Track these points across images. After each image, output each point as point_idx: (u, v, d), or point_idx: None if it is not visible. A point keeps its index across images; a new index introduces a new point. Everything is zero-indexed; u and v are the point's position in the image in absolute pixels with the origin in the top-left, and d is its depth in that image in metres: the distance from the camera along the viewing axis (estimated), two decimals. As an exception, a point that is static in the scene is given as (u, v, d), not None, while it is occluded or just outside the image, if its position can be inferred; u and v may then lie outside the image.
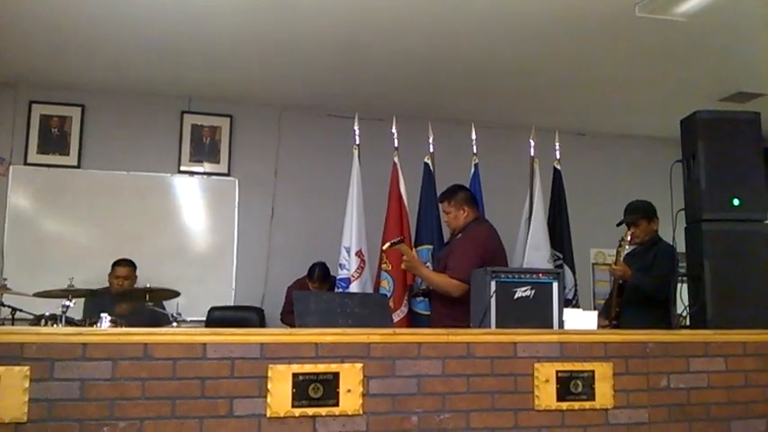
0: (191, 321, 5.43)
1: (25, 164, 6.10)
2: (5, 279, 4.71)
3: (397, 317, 4.77)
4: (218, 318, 5.89)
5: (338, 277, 5.13)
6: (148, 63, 5.67)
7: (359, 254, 5.03)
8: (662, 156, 5.11)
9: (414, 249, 4.89)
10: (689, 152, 3.76)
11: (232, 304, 6.27)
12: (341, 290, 5.01)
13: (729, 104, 6.16)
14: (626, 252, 4.48)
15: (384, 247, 4.67)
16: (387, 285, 4.95)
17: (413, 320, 4.92)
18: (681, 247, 3.91)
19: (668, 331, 3.33)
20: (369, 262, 5.06)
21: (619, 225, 4.54)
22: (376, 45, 5.26)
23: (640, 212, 4.49)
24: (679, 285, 4.10)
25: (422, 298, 4.83)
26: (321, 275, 5.76)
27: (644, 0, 4.44)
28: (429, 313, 4.69)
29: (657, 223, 4.52)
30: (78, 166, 6.20)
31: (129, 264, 5.44)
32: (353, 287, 4.95)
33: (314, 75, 5.88)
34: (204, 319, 5.89)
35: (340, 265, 5.10)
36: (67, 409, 2.42)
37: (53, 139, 6.17)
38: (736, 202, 3.61)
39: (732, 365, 3.11)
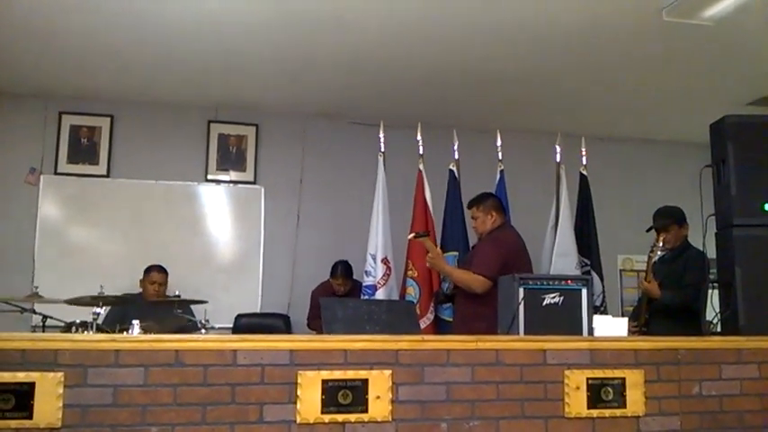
0: (218, 328, 5.47)
1: (55, 173, 6.19)
2: (36, 287, 4.78)
3: (423, 324, 4.77)
4: (245, 325, 5.92)
5: (364, 284, 5.14)
6: (176, 74, 5.73)
7: (385, 261, 5.04)
8: (689, 161, 5.05)
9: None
10: (719, 157, 3.70)
11: (258, 311, 6.30)
12: (367, 297, 5.02)
13: (756, 108, 6.08)
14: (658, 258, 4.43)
15: (409, 237, 4.69)
16: (413, 292, 4.96)
17: (439, 327, 4.92)
18: (711, 252, 3.86)
19: (700, 338, 3.28)
20: (394, 269, 5.08)
21: (649, 231, 4.49)
22: (400, 53, 5.26)
23: (672, 218, 4.43)
24: (710, 292, 4.04)
25: (448, 304, 4.83)
26: (344, 271, 5.84)
27: (671, 5, 4.41)
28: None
29: (687, 228, 4.46)
30: (107, 176, 6.28)
31: (163, 270, 5.51)
32: (379, 294, 4.97)
33: (338, 83, 5.90)
34: (231, 326, 5.93)
35: (366, 272, 5.11)
36: (100, 414, 2.45)
37: (83, 149, 6.26)
38: (767, 207, 3.56)
39: (765, 372, 3.06)
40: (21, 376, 2.41)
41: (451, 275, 4.39)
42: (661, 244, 4.30)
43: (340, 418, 2.61)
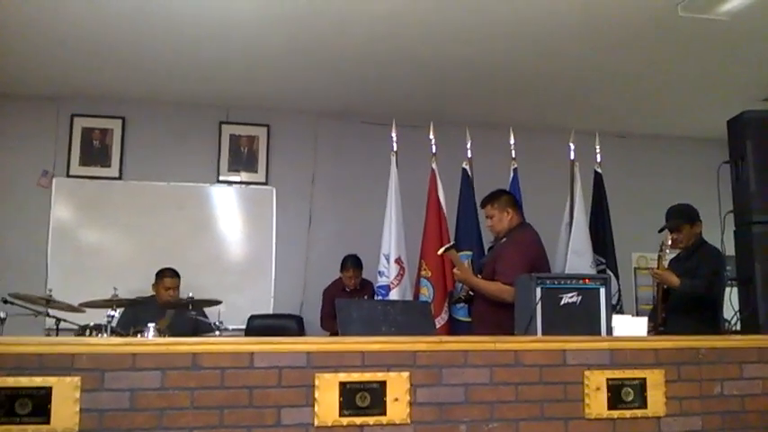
0: (232, 330, 5.46)
1: (68, 176, 6.21)
2: (50, 290, 4.78)
3: (437, 324, 4.73)
4: (258, 326, 5.92)
5: (377, 285, 5.12)
6: (187, 75, 5.73)
7: (398, 261, 5.01)
8: (705, 157, 5.00)
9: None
10: (737, 153, 3.65)
11: (271, 312, 6.30)
12: (380, 297, 5.00)
13: (773, 104, 6.04)
14: (669, 257, 4.39)
15: (439, 252, 4.63)
16: (426, 292, 4.93)
17: (453, 327, 4.89)
18: (729, 250, 3.82)
19: (721, 336, 3.24)
20: (408, 269, 5.05)
21: (661, 231, 4.44)
22: (412, 52, 5.24)
23: (682, 217, 4.39)
24: (729, 289, 3.99)
25: (462, 304, 4.79)
26: (354, 263, 5.88)
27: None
28: (470, 319, 4.66)
29: (701, 226, 4.42)
30: (120, 178, 6.29)
31: (176, 274, 5.48)
32: (393, 294, 4.94)
33: (349, 83, 5.89)
34: (244, 327, 5.92)
35: (379, 272, 5.09)
36: (118, 418, 2.44)
37: (95, 152, 6.28)
38: (786, 203, 3.51)
39: (788, 371, 3.02)
40: (38, 381, 2.39)
41: (481, 288, 4.22)
42: (669, 243, 4.25)
43: (358, 420, 2.58)
